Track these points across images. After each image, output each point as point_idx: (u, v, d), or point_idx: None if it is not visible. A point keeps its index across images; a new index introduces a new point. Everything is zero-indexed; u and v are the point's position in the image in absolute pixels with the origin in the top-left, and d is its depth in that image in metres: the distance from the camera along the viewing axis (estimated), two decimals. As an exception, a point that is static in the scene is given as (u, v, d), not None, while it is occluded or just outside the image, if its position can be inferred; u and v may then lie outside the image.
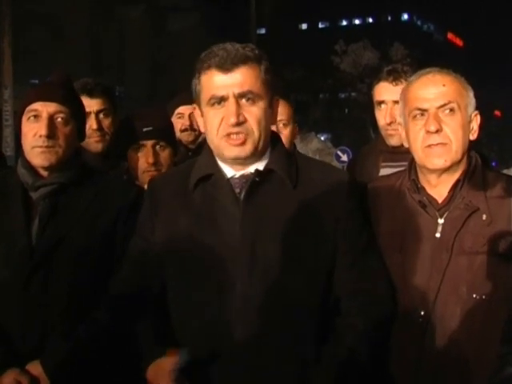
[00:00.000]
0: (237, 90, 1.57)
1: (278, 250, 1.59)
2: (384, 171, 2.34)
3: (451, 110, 1.71)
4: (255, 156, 1.64)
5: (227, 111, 1.58)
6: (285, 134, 2.80)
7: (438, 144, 1.70)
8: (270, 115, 1.65)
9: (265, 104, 1.61)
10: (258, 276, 1.58)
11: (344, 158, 16.08)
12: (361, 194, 1.81)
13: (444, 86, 1.72)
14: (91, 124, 2.52)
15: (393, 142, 2.38)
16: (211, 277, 1.62)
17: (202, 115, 1.67)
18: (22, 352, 1.85)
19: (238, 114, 1.57)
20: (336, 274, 1.65)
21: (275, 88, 1.67)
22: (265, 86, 1.61)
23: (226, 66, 1.56)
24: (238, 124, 1.57)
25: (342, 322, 1.60)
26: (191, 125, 3.38)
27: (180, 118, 3.40)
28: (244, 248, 1.59)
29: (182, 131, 3.35)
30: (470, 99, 1.75)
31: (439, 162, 1.70)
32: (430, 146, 1.70)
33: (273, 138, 1.72)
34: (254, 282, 1.58)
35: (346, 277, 1.64)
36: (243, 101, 1.58)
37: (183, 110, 3.41)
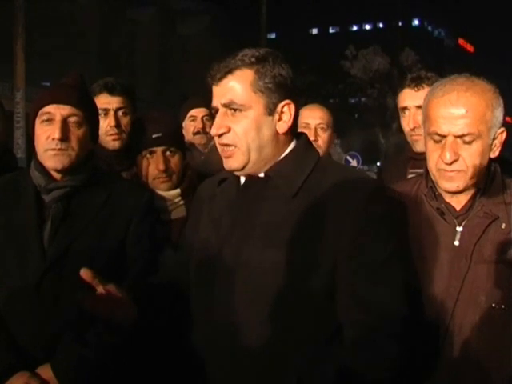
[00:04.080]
0: (221, 101, 1.56)
1: (263, 258, 1.49)
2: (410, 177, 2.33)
3: (471, 139, 1.62)
4: (257, 163, 1.56)
5: (214, 122, 1.58)
6: (323, 137, 2.91)
7: (452, 171, 1.64)
8: (269, 122, 1.55)
9: (257, 112, 1.53)
10: (239, 283, 1.52)
11: (354, 163, 16.01)
12: (389, 202, 1.66)
13: (467, 112, 1.60)
14: (109, 121, 2.51)
15: (418, 147, 2.36)
16: (206, 281, 1.60)
17: None
18: (33, 355, 1.84)
19: (219, 126, 1.55)
20: (337, 294, 1.48)
21: (288, 92, 1.57)
22: (258, 93, 1.53)
23: (216, 78, 1.56)
24: (219, 135, 1.56)
25: (333, 354, 1.45)
26: (204, 128, 3.39)
27: (193, 120, 3.40)
28: (227, 253, 1.55)
29: (194, 134, 3.36)
30: (496, 119, 1.64)
31: (451, 186, 1.66)
32: (444, 169, 1.65)
33: (297, 142, 1.63)
34: (235, 289, 1.52)
35: (346, 302, 1.47)
36: (229, 111, 1.55)
37: (196, 112, 3.41)
